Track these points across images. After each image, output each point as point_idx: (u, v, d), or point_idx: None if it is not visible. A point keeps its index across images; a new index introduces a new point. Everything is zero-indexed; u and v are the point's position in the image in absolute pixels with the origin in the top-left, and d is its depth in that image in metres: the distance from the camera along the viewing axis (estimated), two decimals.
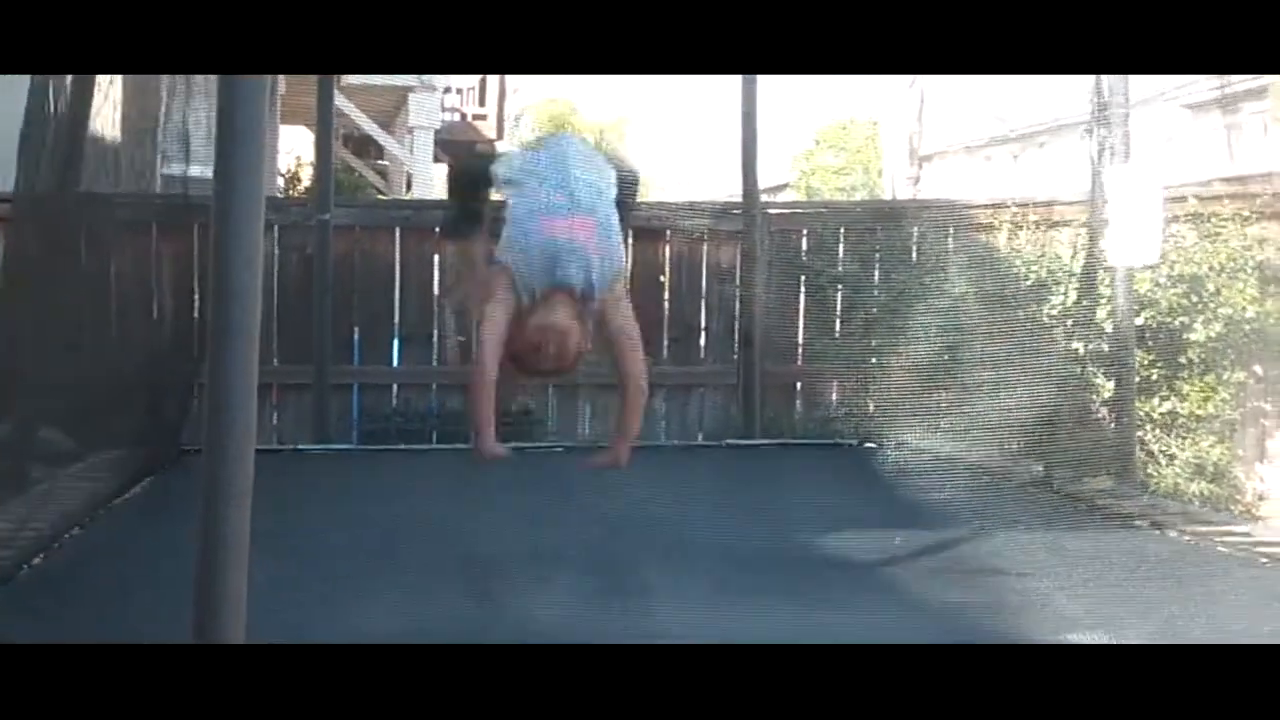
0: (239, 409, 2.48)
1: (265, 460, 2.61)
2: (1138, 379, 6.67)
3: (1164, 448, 7.29)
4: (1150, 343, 7.12)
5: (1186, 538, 5.47)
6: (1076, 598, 4.48)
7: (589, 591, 4.55)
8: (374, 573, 4.82)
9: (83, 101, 4.98)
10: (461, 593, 4.57)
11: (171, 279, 7.25)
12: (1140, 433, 6.84)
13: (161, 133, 6.90)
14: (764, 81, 8.12)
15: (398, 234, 8.41)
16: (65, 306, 5.34)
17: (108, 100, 5.49)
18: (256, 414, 2.55)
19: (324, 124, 8.36)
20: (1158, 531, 5.58)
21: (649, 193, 31.33)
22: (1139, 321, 6.73)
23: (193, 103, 6.58)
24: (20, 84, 4.43)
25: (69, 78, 4.74)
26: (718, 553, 4.95)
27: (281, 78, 13.68)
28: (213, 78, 2.72)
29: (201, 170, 6.58)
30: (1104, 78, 6.19)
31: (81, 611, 4.10)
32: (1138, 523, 5.71)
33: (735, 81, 8.16)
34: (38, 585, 4.51)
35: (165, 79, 6.81)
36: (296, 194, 17.31)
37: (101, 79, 5.27)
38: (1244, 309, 7.13)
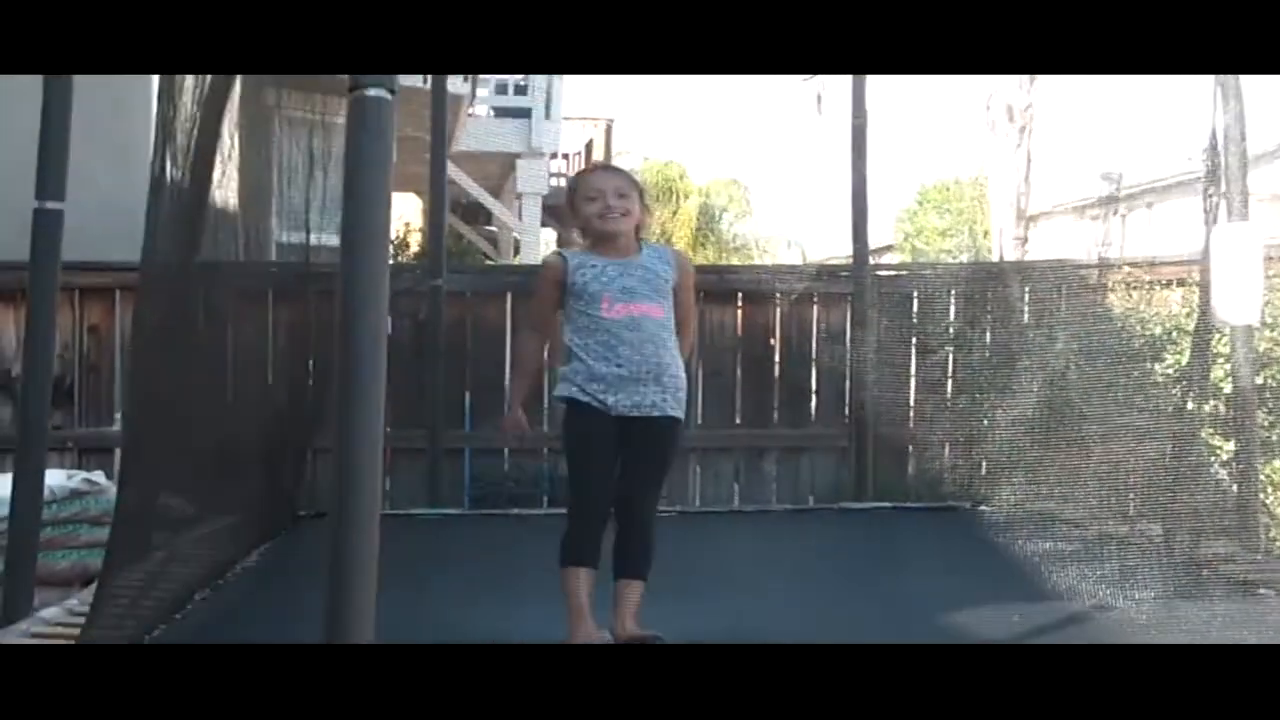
0: (365, 475, 2.52)
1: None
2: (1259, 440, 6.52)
3: None
4: (1272, 402, 6.96)
5: None
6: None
7: None
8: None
9: (204, 170, 5.08)
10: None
11: (287, 346, 7.37)
12: (1262, 495, 6.68)
13: (278, 201, 7.03)
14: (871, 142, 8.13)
15: (508, 299, 8.49)
16: (187, 374, 5.43)
17: (226, 171, 5.59)
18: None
19: (437, 191, 8.49)
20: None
21: (757, 256, 31.37)
22: (1259, 380, 6.59)
23: (311, 173, 6.71)
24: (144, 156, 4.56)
25: (193, 146, 4.84)
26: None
27: (395, 149, 13.89)
28: (333, 152, 2.79)
29: (316, 238, 6.72)
30: (1218, 133, 6.10)
31: None
32: (1262, 591, 5.57)
33: (845, 148, 8.14)
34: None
35: (280, 153, 6.96)
36: (405, 259, 17.57)
37: (221, 150, 5.39)
38: None
